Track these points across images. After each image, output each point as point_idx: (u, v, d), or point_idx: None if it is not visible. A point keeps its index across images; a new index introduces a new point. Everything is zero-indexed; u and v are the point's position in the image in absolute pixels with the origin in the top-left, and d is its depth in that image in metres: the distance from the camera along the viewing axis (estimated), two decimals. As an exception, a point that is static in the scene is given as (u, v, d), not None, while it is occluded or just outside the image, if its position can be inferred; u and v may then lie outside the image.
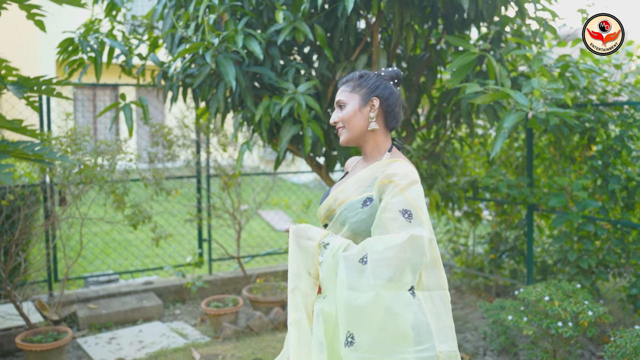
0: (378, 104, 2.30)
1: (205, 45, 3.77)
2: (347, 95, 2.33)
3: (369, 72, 2.37)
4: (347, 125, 2.32)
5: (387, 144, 2.35)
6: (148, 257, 7.51)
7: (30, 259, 5.46)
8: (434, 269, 2.16)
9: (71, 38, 4.46)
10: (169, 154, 6.07)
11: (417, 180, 2.19)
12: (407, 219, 2.09)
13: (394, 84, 2.40)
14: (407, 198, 2.12)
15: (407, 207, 2.11)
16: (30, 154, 3.75)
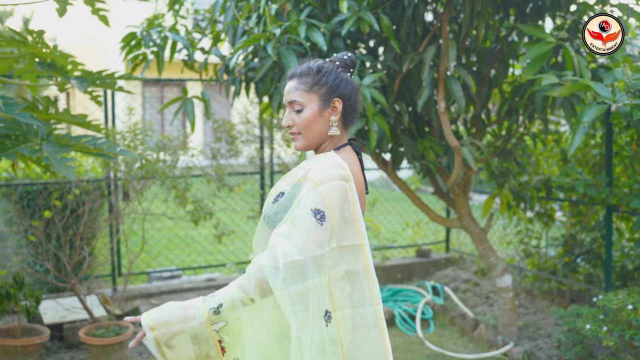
0: (341, 107, 2.02)
1: (267, 36, 3.66)
2: (304, 95, 1.99)
3: (324, 64, 2.04)
4: (304, 132, 2.00)
5: (340, 142, 2.07)
6: (211, 253, 7.50)
7: (95, 253, 5.48)
8: (357, 282, 1.89)
9: (134, 33, 4.43)
10: (232, 150, 6.01)
11: (340, 176, 1.88)
12: (319, 221, 1.81)
13: (350, 74, 2.11)
14: (321, 195, 1.83)
15: (320, 206, 1.82)
16: (91, 147, 3.72)
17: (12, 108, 3.15)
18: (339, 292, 1.86)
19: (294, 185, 1.94)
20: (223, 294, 1.83)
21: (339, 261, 1.87)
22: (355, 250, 1.89)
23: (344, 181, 1.88)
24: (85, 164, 5.84)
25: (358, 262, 1.89)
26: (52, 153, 3.53)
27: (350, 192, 1.89)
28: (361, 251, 1.89)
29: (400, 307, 5.40)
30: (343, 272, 1.86)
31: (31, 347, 4.34)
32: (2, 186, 5.55)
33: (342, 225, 1.87)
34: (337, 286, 1.86)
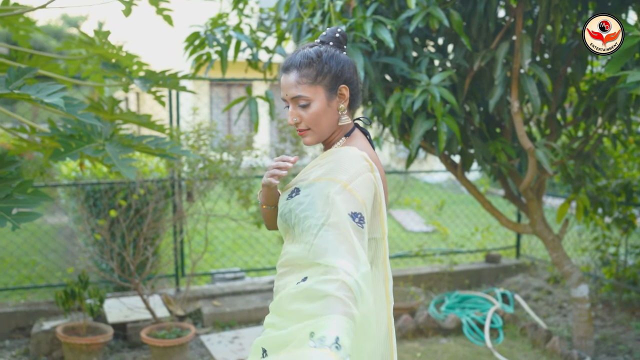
0: (348, 93, 1.90)
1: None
2: (308, 89, 1.84)
3: (320, 49, 1.88)
4: (314, 127, 1.88)
5: (348, 127, 1.96)
6: (274, 255, 7.44)
7: (158, 253, 5.49)
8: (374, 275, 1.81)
9: (197, 32, 4.39)
10: (297, 151, 5.92)
11: (365, 168, 1.79)
12: (359, 224, 1.70)
13: (344, 51, 1.95)
14: (353, 195, 1.73)
15: (355, 207, 1.72)
16: (153, 148, 3.69)
17: (75, 108, 3.13)
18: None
19: (310, 184, 1.82)
20: (331, 331, 1.50)
21: (371, 253, 1.82)
22: (377, 243, 1.82)
23: (370, 172, 1.80)
24: (150, 164, 5.87)
25: (377, 255, 1.82)
26: (115, 153, 3.51)
27: (377, 183, 1.81)
28: (382, 244, 1.82)
29: (468, 314, 5.18)
30: (371, 263, 1.81)
31: (95, 346, 4.36)
32: (71, 185, 5.63)
33: (371, 217, 1.81)
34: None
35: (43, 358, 4.54)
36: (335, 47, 1.91)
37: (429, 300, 5.78)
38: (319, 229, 1.71)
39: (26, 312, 5.00)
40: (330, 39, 1.92)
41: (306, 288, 1.63)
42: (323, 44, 1.92)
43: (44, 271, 6.53)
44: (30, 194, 3.21)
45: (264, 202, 2.04)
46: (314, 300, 1.59)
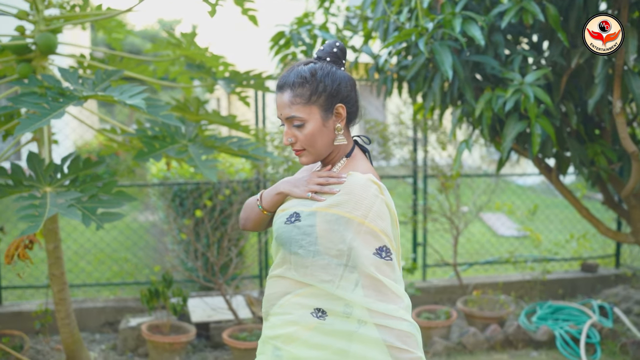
0: (345, 112, 1.82)
1: (419, 31, 3.39)
2: (302, 109, 1.78)
3: (315, 66, 1.81)
4: (310, 148, 1.81)
5: (348, 146, 1.89)
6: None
7: (243, 254, 5.50)
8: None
9: (282, 32, 4.34)
10: (384, 152, 5.80)
11: (376, 192, 1.75)
12: (387, 258, 1.71)
13: (342, 66, 1.86)
14: (372, 229, 1.71)
15: (378, 242, 1.71)
16: (235, 149, 3.66)
17: (158, 110, 3.14)
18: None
19: (313, 212, 1.76)
20: None
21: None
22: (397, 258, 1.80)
23: (380, 194, 1.76)
24: (236, 164, 5.89)
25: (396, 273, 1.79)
26: (197, 154, 3.50)
27: (389, 203, 1.78)
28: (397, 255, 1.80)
29: (561, 327, 4.90)
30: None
31: (178, 345, 4.39)
32: (158, 185, 5.73)
33: (393, 229, 1.79)
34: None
35: (129, 354, 4.62)
36: (332, 64, 1.84)
37: (519, 309, 5.52)
38: (344, 270, 1.73)
39: (115, 307, 5.11)
40: (327, 54, 1.85)
41: (362, 334, 1.71)
42: (319, 59, 1.85)
43: (133, 268, 6.69)
44: (115, 194, 3.24)
45: (269, 208, 1.93)
46: (374, 347, 1.70)
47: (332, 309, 1.74)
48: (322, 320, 1.74)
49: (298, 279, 1.78)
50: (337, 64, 1.85)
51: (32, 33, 3.76)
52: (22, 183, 3.03)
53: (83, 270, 6.68)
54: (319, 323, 1.74)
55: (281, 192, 1.88)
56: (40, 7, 3.71)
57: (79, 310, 4.98)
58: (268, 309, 1.85)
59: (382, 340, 1.68)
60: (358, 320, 1.71)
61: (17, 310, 4.98)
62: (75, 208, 2.94)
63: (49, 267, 3.86)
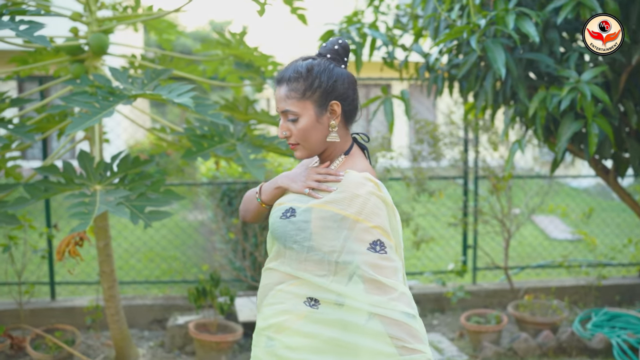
0: (340, 109, 1.82)
1: (470, 28, 3.30)
2: (297, 104, 1.79)
3: (313, 62, 1.81)
4: (303, 142, 1.83)
5: (346, 144, 1.88)
6: (408, 260, 7.24)
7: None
8: None
9: (331, 30, 4.30)
10: (434, 152, 5.71)
11: (372, 189, 1.75)
12: (381, 252, 1.72)
13: (344, 64, 1.87)
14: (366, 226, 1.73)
15: (373, 236, 1.73)
16: (283, 149, 3.64)
17: (206, 109, 3.14)
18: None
19: (308, 208, 1.78)
20: None
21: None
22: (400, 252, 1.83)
23: (377, 191, 1.77)
24: (285, 164, 5.88)
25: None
26: (245, 153, 3.50)
27: (387, 199, 1.78)
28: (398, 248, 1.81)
29: (618, 335, 4.72)
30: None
31: (225, 344, 4.40)
32: (207, 184, 5.76)
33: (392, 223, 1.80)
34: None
35: (176, 351, 4.65)
36: (332, 60, 1.85)
37: (573, 316, 5.35)
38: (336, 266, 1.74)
39: (163, 305, 5.16)
40: (328, 51, 1.86)
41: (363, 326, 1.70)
42: (320, 56, 1.86)
43: (181, 267, 6.76)
44: (163, 193, 3.25)
45: (268, 201, 1.94)
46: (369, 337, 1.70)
47: (325, 297, 1.75)
48: (314, 309, 1.75)
49: (292, 273, 1.80)
50: (338, 61, 1.86)
51: (85, 34, 3.82)
52: (72, 181, 3.07)
53: (133, 267, 6.77)
54: (310, 312, 1.75)
55: (280, 187, 1.90)
56: (93, 8, 3.77)
57: (128, 307, 5.04)
58: (261, 300, 1.87)
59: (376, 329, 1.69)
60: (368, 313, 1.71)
61: (69, 306, 5.07)
62: (123, 206, 2.96)
63: (100, 265, 3.91)
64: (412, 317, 1.71)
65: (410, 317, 1.70)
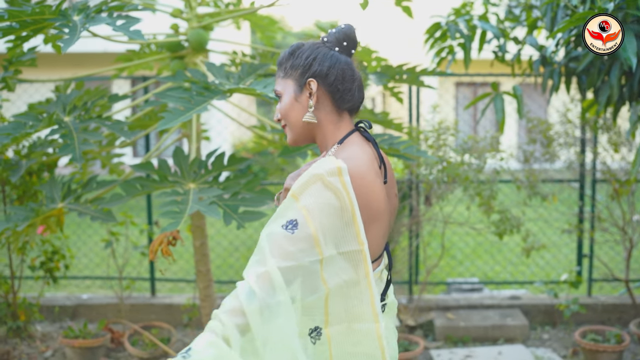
0: (316, 87, 1.69)
1: (595, 14, 2.97)
2: (281, 82, 1.76)
3: (305, 44, 1.76)
4: (287, 122, 1.75)
5: (340, 132, 1.73)
6: (517, 267, 6.84)
7: (393, 258, 5.26)
8: (357, 293, 1.59)
9: (438, 23, 4.05)
10: (548, 153, 5.32)
11: (327, 172, 1.53)
12: (290, 230, 1.52)
13: (342, 50, 1.74)
14: (295, 203, 1.54)
15: (293, 215, 1.53)
16: (386, 147, 3.43)
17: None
18: (335, 306, 1.60)
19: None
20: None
21: (338, 269, 1.57)
22: (354, 257, 1.57)
23: (333, 177, 1.55)
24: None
25: (358, 272, 1.58)
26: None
27: (345, 189, 1.54)
28: (361, 258, 1.57)
29: None
30: (342, 282, 1.58)
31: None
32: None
33: (339, 229, 1.55)
34: (335, 298, 1.59)
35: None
36: (328, 44, 1.74)
37: None
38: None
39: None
40: (327, 35, 1.76)
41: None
42: (313, 45, 1.76)
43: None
44: (258, 192, 3.13)
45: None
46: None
47: None
48: None
49: None
50: (333, 45, 1.74)
51: (185, 31, 3.78)
52: (167, 179, 3.00)
53: (232, 266, 6.77)
54: None
55: (286, 188, 1.81)
56: (193, 4, 3.71)
57: (226, 307, 5.00)
58: None
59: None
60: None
61: (168, 303, 5.09)
62: (216, 206, 2.85)
63: (196, 264, 3.85)
64: (251, 294, 1.46)
65: (249, 295, 1.45)
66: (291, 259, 1.51)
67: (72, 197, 3.14)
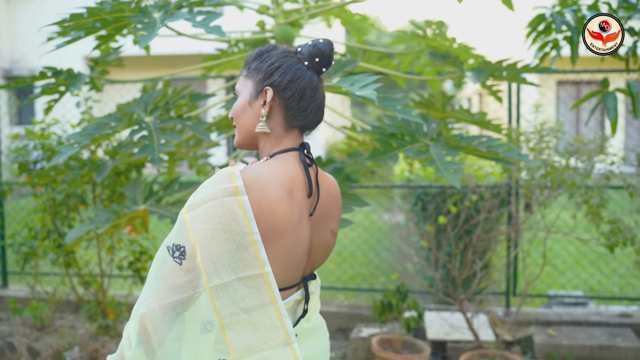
0: (271, 97, 1.60)
1: None
2: (242, 80, 1.68)
3: (276, 48, 1.67)
4: (237, 124, 1.67)
5: (278, 147, 1.63)
6: (627, 281, 6.32)
7: (488, 268, 4.95)
8: (265, 319, 1.48)
9: (542, 15, 3.72)
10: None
11: (223, 192, 1.45)
12: (177, 259, 1.46)
13: (312, 66, 1.63)
14: (184, 224, 1.47)
15: (180, 239, 1.47)
16: (484, 150, 3.16)
17: (394, 103, 2.77)
18: (239, 336, 1.47)
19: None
20: None
21: (236, 298, 1.46)
22: (255, 281, 1.46)
23: (231, 196, 1.45)
24: (485, 167, 5.35)
25: (262, 296, 1.47)
26: (439, 155, 3.07)
27: (242, 210, 1.45)
28: (263, 282, 1.47)
29: None
30: (242, 310, 1.47)
31: (412, 364, 4.01)
32: (399, 187, 5.42)
33: (234, 252, 1.45)
34: (237, 329, 1.47)
35: (360, 366, 4.35)
36: (298, 57, 1.64)
37: None
38: None
39: (348, 314, 4.90)
40: (302, 46, 1.66)
41: None
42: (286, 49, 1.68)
43: (369, 273, 6.47)
44: (345, 197, 2.94)
45: None
46: None
47: None
48: None
49: None
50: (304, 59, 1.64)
51: (272, 27, 3.65)
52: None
53: (319, 271, 6.62)
54: None
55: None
56: (279, 0, 3.58)
57: (313, 313, 4.85)
58: None
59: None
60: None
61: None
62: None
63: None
64: (137, 344, 1.48)
65: (129, 345, 1.49)
66: (179, 292, 1.46)
67: (154, 199, 3.06)
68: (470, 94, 20.19)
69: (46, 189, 4.54)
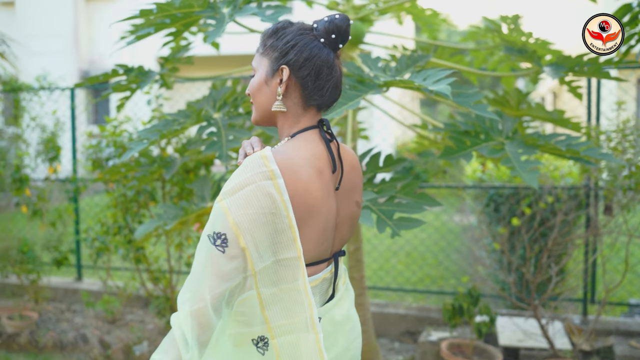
0: (287, 76, 1.58)
1: None
2: (258, 59, 1.65)
3: (292, 25, 1.63)
4: (254, 101, 1.66)
5: (298, 126, 1.62)
6: None
7: (565, 273, 4.74)
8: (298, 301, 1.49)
9: (629, 4, 3.52)
10: None
11: (261, 176, 1.44)
12: (220, 247, 1.43)
13: (328, 42, 1.59)
14: (222, 212, 1.44)
15: (220, 227, 1.43)
16: (563, 149, 3.00)
17: (468, 99, 2.66)
18: (276, 315, 1.51)
19: None
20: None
21: (276, 279, 1.49)
22: (292, 264, 1.49)
23: (267, 180, 1.45)
24: (562, 168, 5.14)
25: (297, 279, 1.49)
26: (515, 154, 2.94)
27: (278, 193, 1.45)
28: (299, 265, 1.49)
29: None
30: (279, 290, 1.50)
31: (483, 371, 3.87)
32: (472, 187, 5.26)
33: (274, 235, 1.46)
34: (275, 308, 1.50)
35: (429, 371, 4.23)
36: (314, 33, 1.61)
37: None
38: None
39: (417, 317, 4.78)
40: (317, 22, 1.62)
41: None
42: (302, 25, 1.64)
43: (439, 275, 6.32)
44: (416, 197, 2.84)
45: None
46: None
47: None
48: None
49: None
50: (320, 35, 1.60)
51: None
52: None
53: (389, 272, 6.51)
54: None
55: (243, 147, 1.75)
56: (351, -5, 3.51)
57: (379, 314, 4.76)
58: None
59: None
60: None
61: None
62: (369, 211, 2.61)
63: (349, 270, 3.64)
64: (186, 345, 1.45)
65: (185, 346, 1.45)
66: (226, 280, 1.46)
67: (222, 197, 3.04)
68: (545, 92, 19.61)
69: (117, 185, 4.62)
